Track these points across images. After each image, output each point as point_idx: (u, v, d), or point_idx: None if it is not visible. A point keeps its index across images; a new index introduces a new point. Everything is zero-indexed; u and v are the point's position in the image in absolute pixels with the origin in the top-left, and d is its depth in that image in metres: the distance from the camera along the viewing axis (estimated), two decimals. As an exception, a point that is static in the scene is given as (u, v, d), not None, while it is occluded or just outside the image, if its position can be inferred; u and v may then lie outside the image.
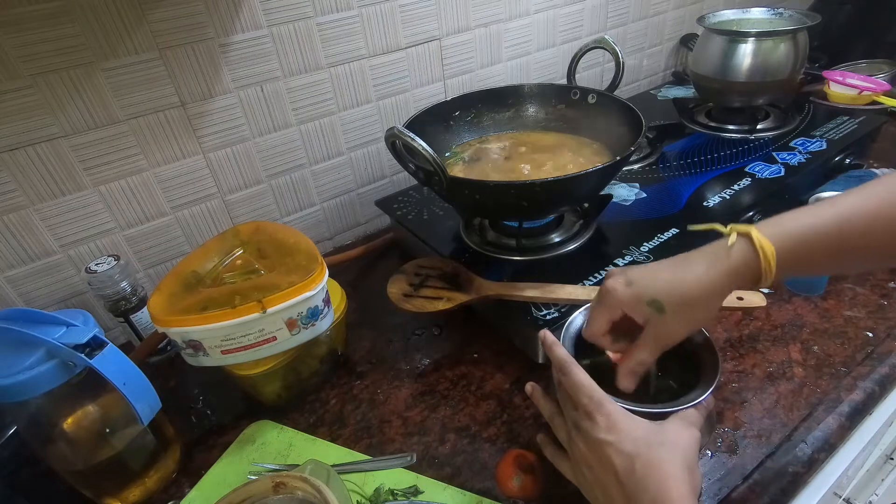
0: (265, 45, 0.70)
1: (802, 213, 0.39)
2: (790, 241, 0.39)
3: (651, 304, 0.41)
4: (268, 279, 0.53)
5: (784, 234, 0.39)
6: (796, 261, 0.39)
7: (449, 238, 0.74)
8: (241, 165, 0.75)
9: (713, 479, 0.48)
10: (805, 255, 0.39)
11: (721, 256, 0.40)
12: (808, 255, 0.39)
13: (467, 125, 0.80)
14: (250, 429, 0.58)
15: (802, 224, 0.39)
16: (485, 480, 0.50)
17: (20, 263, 0.63)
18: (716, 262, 0.40)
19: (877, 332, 0.60)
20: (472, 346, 0.65)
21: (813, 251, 0.39)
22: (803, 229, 0.39)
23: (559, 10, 0.97)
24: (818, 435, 0.50)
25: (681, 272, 0.41)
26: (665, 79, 1.27)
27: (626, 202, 0.76)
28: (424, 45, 0.84)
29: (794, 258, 0.38)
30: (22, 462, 0.54)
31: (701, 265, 0.41)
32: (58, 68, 0.57)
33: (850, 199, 0.38)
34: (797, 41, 0.87)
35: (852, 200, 0.38)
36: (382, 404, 0.59)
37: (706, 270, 0.40)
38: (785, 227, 0.39)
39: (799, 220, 0.39)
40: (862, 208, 0.38)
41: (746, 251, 0.39)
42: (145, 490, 0.52)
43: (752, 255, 0.39)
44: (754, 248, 0.39)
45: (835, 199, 0.39)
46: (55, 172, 0.61)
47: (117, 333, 0.69)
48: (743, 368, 0.58)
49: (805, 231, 0.39)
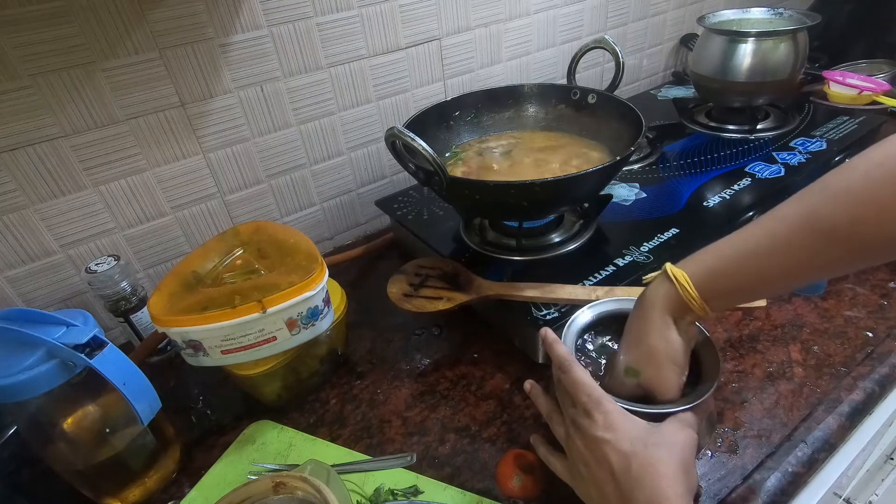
0: (265, 45, 0.70)
1: (720, 243, 0.41)
2: (702, 268, 0.41)
3: (627, 373, 0.44)
4: (268, 279, 0.53)
5: (697, 262, 0.41)
6: (717, 287, 0.40)
7: (449, 238, 0.74)
8: (241, 165, 0.75)
9: (713, 479, 0.48)
10: (722, 281, 0.40)
11: (650, 297, 0.43)
12: (724, 282, 0.40)
13: (467, 125, 0.80)
14: (250, 429, 0.58)
15: (713, 252, 0.41)
16: (485, 480, 0.50)
17: (20, 263, 0.63)
18: (650, 304, 0.43)
19: (877, 332, 0.60)
20: (472, 346, 0.65)
21: (727, 276, 0.40)
22: (712, 256, 0.41)
23: (559, 10, 0.97)
24: (818, 435, 0.50)
25: (626, 338, 0.45)
26: (665, 79, 1.27)
27: (626, 202, 0.76)
28: (424, 45, 0.84)
29: (712, 285, 0.40)
30: (22, 462, 0.54)
31: (637, 319, 0.44)
32: (57, 68, 0.57)
33: (759, 225, 0.39)
34: (797, 41, 0.87)
35: (757, 227, 0.39)
36: (382, 404, 0.59)
37: (644, 316, 0.43)
38: (698, 258, 0.42)
39: (710, 250, 0.41)
40: (768, 233, 0.39)
41: (667, 283, 0.42)
42: (145, 490, 0.52)
43: (671, 285, 0.41)
44: (670, 279, 0.41)
45: (748, 226, 0.40)
46: (55, 172, 0.61)
47: (117, 333, 0.69)
48: (743, 368, 0.58)
49: (714, 258, 0.41)
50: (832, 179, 0.36)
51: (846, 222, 0.35)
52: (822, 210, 0.36)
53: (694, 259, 0.42)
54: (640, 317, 0.44)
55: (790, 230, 0.37)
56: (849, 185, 0.35)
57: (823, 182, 0.37)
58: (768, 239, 0.38)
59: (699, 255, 0.42)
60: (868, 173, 0.34)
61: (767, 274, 0.39)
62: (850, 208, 0.34)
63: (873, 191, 0.34)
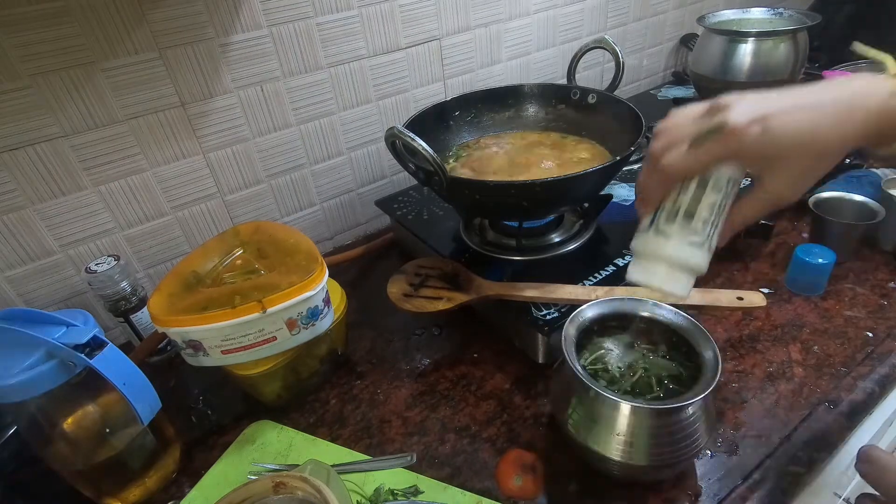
0: (265, 45, 0.70)
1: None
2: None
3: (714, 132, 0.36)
4: (268, 279, 0.53)
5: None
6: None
7: (449, 238, 0.74)
8: (241, 165, 0.75)
9: (713, 479, 0.48)
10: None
11: (874, 102, 0.35)
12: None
13: (467, 125, 0.80)
14: (250, 429, 0.58)
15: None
16: (485, 480, 0.50)
17: (20, 263, 0.63)
18: (865, 107, 0.35)
19: (877, 332, 0.60)
20: (472, 346, 0.65)
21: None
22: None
23: (559, 10, 0.97)
24: (818, 435, 0.50)
25: (819, 117, 0.35)
26: (665, 79, 1.27)
27: (626, 202, 0.76)
28: (424, 45, 0.84)
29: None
30: (22, 462, 0.54)
31: (843, 105, 0.35)
32: (57, 68, 0.57)
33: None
34: (797, 41, 0.87)
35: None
36: (382, 404, 0.59)
37: (849, 115, 0.35)
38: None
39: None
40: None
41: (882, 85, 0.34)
42: (145, 490, 0.52)
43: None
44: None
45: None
46: (55, 172, 0.61)
47: (117, 333, 0.69)
48: (743, 368, 0.58)
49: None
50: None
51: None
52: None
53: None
54: (839, 100, 0.35)
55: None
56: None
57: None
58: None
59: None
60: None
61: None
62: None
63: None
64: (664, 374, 0.48)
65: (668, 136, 0.38)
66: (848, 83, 0.36)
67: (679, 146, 0.37)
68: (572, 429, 0.47)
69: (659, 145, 0.38)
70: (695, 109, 0.38)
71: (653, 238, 0.39)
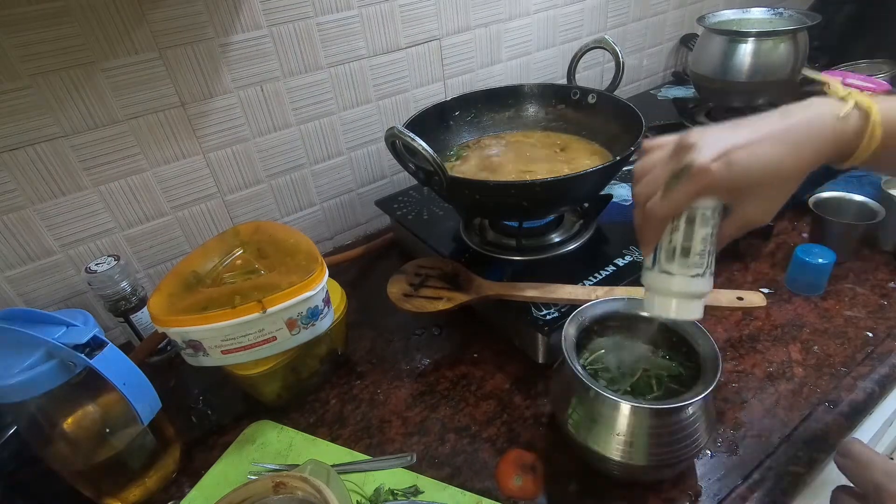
0: (265, 45, 0.70)
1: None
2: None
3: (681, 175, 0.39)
4: (268, 279, 0.53)
5: (890, 101, 0.37)
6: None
7: (449, 238, 0.74)
8: (241, 165, 0.75)
9: (713, 479, 0.48)
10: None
11: (826, 126, 0.37)
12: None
13: (467, 125, 0.80)
14: (250, 429, 0.58)
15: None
16: (485, 480, 0.50)
17: (20, 263, 0.63)
18: (819, 132, 0.37)
19: (877, 332, 0.60)
20: (472, 346, 0.65)
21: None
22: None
23: (559, 10, 0.97)
24: (818, 435, 0.50)
25: (778, 147, 0.37)
26: (665, 79, 1.27)
27: (626, 202, 0.76)
28: (424, 45, 0.84)
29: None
30: (22, 462, 0.54)
31: (799, 133, 0.37)
32: (57, 68, 0.57)
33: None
34: (797, 41, 0.87)
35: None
36: (382, 404, 0.59)
37: (806, 141, 0.37)
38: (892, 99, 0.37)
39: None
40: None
41: (857, 125, 0.37)
42: (145, 490, 0.52)
43: (859, 131, 0.36)
44: (865, 125, 0.36)
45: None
46: (55, 172, 0.61)
47: (117, 333, 0.69)
48: (743, 368, 0.58)
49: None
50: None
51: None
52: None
53: (887, 98, 0.37)
54: (796, 130, 0.37)
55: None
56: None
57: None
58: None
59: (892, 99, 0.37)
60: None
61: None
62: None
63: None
64: (664, 374, 0.48)
65: (644, 181, 0.41)
66: (801, 111, 0.38)
67: (657, 192, 0.39)
68: (572, 429, 0.47)
69: (638, 190, 0.41)
70: (663, 151, 0.41)
71: (658, 276, 0.42)
